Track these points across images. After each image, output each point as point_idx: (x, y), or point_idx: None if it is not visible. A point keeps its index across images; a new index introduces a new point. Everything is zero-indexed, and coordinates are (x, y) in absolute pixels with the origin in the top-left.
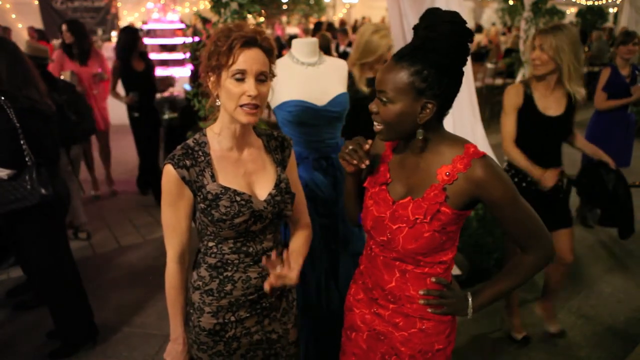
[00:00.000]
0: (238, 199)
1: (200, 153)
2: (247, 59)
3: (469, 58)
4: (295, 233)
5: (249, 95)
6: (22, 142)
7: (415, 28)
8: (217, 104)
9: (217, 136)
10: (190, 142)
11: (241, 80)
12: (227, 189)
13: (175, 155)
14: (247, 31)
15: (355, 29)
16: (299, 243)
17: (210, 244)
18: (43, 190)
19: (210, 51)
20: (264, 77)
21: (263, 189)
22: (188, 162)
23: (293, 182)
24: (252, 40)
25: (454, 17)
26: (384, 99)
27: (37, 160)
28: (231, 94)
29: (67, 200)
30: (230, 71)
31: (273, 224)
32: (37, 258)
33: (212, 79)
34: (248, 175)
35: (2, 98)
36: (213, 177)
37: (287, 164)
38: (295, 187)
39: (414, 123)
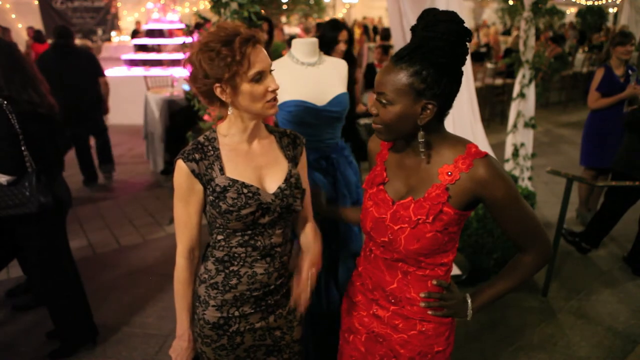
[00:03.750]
0: (245, 190)
1: (209, 147)
2: (260, 59)
3: (468, 58)
4: (305, 236)
5: (272, 91)
6: (23, 147)
7: (413, 29)
8: (229, 112)
9: (227, 133)
10: (201, 138)
11: (261, 79)
12: (235, 181)
13: (186, 150)
14: (243, 31)
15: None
16: (309, 240)
17: (219, 237)
18: (42, 198)
19: (214, 65)
20: (271, 69)
21: (273, 182)
22: (197, 156)
23: (303, 179)
24: (254, 39)
25: (452, 17)
26: (384, 101)
27: (37, 166)
28: (256, 95)
29: (68, 202)
30: (248, 76)
31: (282, 219)
32: (36, 259)
33: (227, 90)
34: (259, 168)
35: (5, 102)
36: (222, 170)
37: (299, 161)
38: (304, 186)
39: (414, 124)
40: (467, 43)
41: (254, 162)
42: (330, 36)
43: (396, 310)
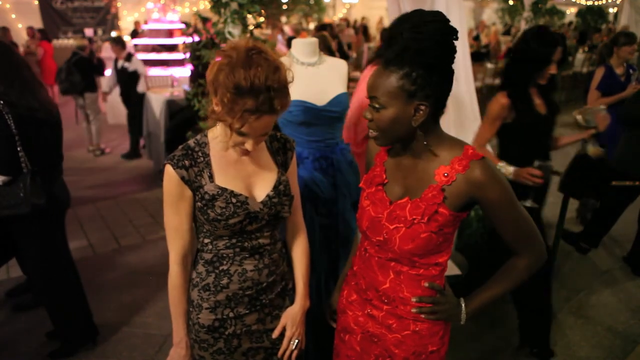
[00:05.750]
0: (234, 200)
1: (200, 154)
2: (252, 129)
3: (469, 58)
4: (294, 248)
5: (244, 150)
6: (19, 148)
7: (400, 31)
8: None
9: (217, 139)
10: (191, 142)
11: (244, 137)
12: (224, 189)
13: (175, 155)
14: (264, 99)
15: (356, 29)
16: (301, 264)
17: (206, 240)
18: (35, 200)
19: (214, 92)
20: (267, 133)
21: (261, 190)
22: (187, 163)
23: (292, 184)
24: (264, 110)
25: (437, 17)
26: (377, 106)
27: (33, 167)
28: (231, 139)
29: (67, 203)
30: (236, 128)
31: (270, 224)
32: (34, 259)
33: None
34: (248, 176)
35: (1, 103)
36: (211, 177)
37: (289, 166)
38: (294, 190)
39: (408, 126)
40: (454, 42)
41: (244, 171)
42: (543, 53)
43: (390, 310)
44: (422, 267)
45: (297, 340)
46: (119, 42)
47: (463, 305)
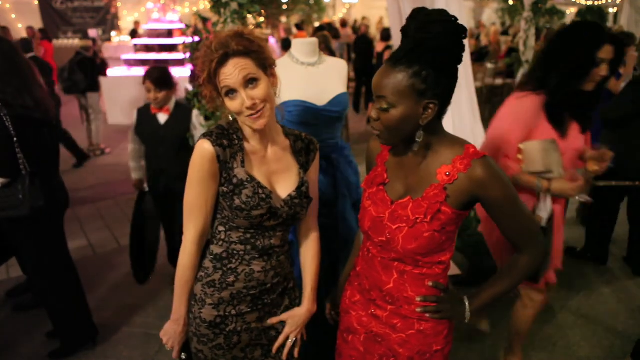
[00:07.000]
0: (260, 191)
1: (235, 137)
2: (226, 76)
3: (469, 57)
4: (305, 251)
5: (247, 107)
6: (17, 150)
7: (405, 29)
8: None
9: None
10: (225, 124)
11: (233, 95)
12: (253, 178)
13: (213, 132)
14: (217, 46)
15: (355, 28)
16: (311, 269)
17: (220, 228)
18: (34, 202)
19: (202, 78)
20: (254, 79)
21: (283, 189)
22: (225, 142)
23: (312, 186)
24: (223, 56)
25: (445, 16)
26: (385, 105)
27: (32, 169)
28: (232, 110)
29: (66, 204)
30: (222, 92)
31: (285, 224)
32: (34, 260)
33: (221, 99)
34: (270, 174)
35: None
36: (243, 163)
37: (310, 167)
38: (313, 192)
39: (416, 125)
40: (463, 40)
41: (267, 167)
42: None
43: (394, 310)
44: (425, 266)
45: (294, 339)
46: None
47: (467, 303)
